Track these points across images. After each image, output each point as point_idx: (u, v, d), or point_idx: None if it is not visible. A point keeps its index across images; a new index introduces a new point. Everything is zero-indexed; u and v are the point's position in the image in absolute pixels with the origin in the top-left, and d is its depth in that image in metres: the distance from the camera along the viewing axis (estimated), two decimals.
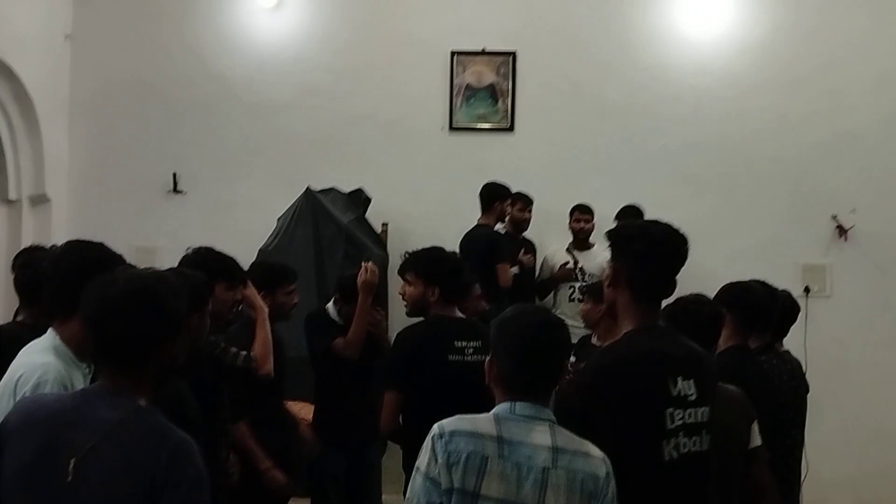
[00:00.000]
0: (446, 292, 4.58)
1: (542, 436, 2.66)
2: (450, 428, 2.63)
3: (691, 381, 2.97)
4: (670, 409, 2.91)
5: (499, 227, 7.75)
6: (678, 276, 3.10)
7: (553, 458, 2.63)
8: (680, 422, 2.93)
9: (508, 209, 7.73)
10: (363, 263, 5.46)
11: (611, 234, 3.14)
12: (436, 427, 2.64)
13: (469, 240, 7.48)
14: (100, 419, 2.43)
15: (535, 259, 7.99)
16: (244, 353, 4.57)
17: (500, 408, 2.71)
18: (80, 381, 3.00)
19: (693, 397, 2.97)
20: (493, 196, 7.66)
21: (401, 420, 4.55)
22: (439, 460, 2.57)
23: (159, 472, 2.38)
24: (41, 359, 3.08)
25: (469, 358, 4.45)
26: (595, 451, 2.72)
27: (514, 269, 7.55)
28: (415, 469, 2.64)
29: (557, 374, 2.78)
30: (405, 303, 4.73)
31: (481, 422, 2.66)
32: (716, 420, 3.63)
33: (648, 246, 3.01)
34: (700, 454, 2.99)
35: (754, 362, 4.55)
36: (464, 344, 4.48)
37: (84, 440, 2.40)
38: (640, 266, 3.02)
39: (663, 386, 2.92)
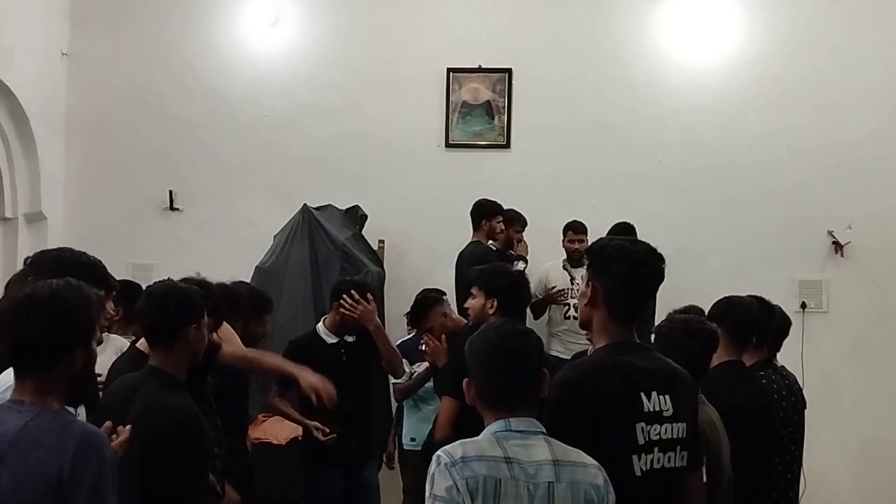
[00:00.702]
0: (504, 306, 4.58)
1: (541, 450, 2.68)
2: (459, 454, 2.61)
3: (667, 397, 2.96)
4: (641, 424, 2.90)
5: (490, 244, 7.76)
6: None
7: (556, 472, 2.65)
8: (656, 437, 2.92)
9: (499, 226, 7.72)
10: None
11: (590, 254, 3.16)
12: (443, 455, 2.62)
13: (460, 257, 7.50)
14: (7, 430, 2.45)
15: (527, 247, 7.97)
16: None
17: (496, 426, 2.71)
18: None
19: (668, 413, 2.96)
20: (480, 214, 7.67)
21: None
22: (460, 488, 2.55)
23: (64, 468, 2.38)
24: (6, 378, 3.03)
25: None
26: (589, 459, 2.74)
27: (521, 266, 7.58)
28: (430, 498, 2.59)
29: (534, 382, 2.77)
30: (470, 315, 4.79)
31: (485, 445, 2.66)
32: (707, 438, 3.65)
33: (628, 268, 3.01)
34: (674, 470, 2.98)
35: (747, 378, 4.51)
36: None
37: None
38: (618, 287, 3.02)
39: (633, 401, 2.91)
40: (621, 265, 3.01)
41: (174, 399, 3.38)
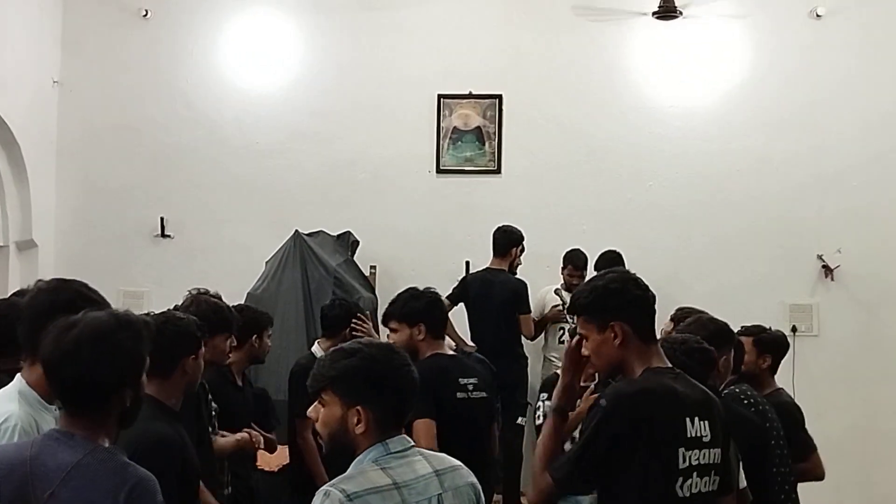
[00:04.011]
0: (430, 327, 4.53)
1: (421, 465, 2.68)
2: (350, 489, 2.53)
3: (706, 423, 3.01)
4: (682, 449, 2.93)
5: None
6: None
7: (440, 482, 2.67)
8: (695, 462, 2.96)
9: (520, 256, 7.74)
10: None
11: (596, 302, 3.09)
12: (333, 490, 2.53)
13: (488, 283, 7.51)
14: (58, 465, 2.41)
15: None
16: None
17: (375, 452, 2.64)
18: (49, 424, 2.88)
19: (707, 438, 3.00)
20: (513, 242, 7.66)
21: None
22: None
23: None
24: (3, 407, 3.01)
25: (472, 395, 4.48)
26: (457, 461, 2.80)
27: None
28: None
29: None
30: None
31: (372, 476, 2.59)
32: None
33: (640, 289, 3.10)
34: (709, 494, 3.02)
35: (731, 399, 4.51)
36: (466, 381, 4.51)
37: (44, 488, 2.38)
38: (642, 311, 3.08)
39: (680, 425, 2.95)
40: (634, 288, 3.10)
41: (159, 427, 3.36)
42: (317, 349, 5.85)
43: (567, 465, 2.98)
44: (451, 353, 4.67)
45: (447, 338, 5.83)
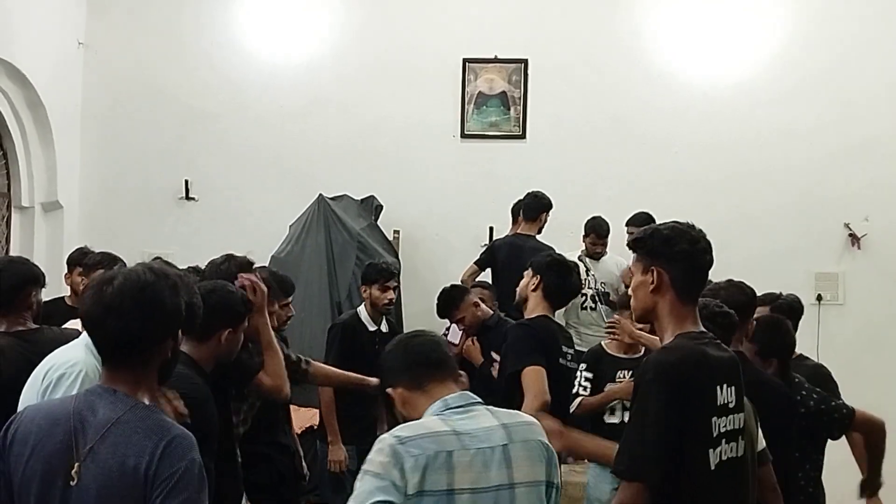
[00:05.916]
0: (546, 291, 4.61)
1: (486, 418, 2.73)
2: (404, 434, 2.61)
3: (732, 389, 2.99)
4: (715, 418, 2.92)
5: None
6: None
7: (507, 434, 2.71)
8: (724, 429, 2.94)
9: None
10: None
11: (644, 241, 3.09)
12: (387, 436, 2.62)
13: (517, 249, 7.39)
14: (98, 420, 2.43)
15: None
16: None
17: (435, 408, 2.74)
18: None
19: (733, 404, 2.99)
20: (542, 207, 7.61)
21: None
22: (406, 465, 2.53)
23: (149, 466, 2.37)
24: (71, 353, 3.19)
25: (570, 364, 4.61)
26: (530, 417, 2.88)
27: None
28: (363, 472, 2.58)
29: (451, 364, 2.92)
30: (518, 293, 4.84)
31: (431, 423, 2.68)
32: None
33: (690, 244, 3.03)
34: (737, 460, 3.00)
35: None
36: (566, 350, 4.58)
37: (85, 443, 2.40)
38: (686, 265, 3.03)
39: (712, 394, 2.93)
40: (684, 242, 3.02)
41: (190, 372, 3.39)
42: (363, 312, 6.04)
43: (647, 456, 2.82)
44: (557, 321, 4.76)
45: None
